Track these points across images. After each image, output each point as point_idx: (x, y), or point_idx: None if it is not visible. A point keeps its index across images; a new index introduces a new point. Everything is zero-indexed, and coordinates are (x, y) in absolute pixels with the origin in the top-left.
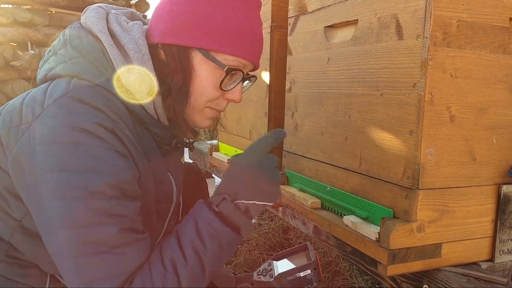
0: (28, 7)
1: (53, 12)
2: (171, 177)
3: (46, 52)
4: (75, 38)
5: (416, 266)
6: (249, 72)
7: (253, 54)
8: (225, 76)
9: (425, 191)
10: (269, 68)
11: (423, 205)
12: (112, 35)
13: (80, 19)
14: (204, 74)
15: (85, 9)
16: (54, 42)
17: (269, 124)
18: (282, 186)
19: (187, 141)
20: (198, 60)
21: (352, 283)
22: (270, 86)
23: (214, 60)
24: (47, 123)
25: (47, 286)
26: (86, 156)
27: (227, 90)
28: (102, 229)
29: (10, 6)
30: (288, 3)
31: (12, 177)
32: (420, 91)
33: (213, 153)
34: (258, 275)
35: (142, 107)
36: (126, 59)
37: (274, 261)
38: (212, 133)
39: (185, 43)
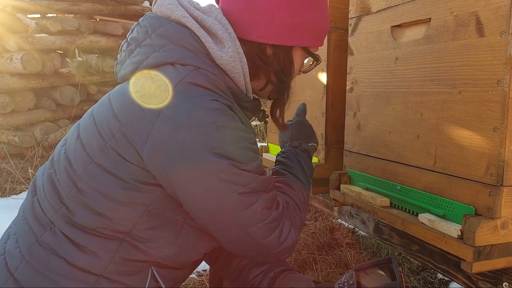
0: (74, 15)
1: (97, 19)
2: None
3: (123, 46)
4: (158, 27)
5: (500, 263)
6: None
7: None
8: (316, 64)
9: (509, 188)
10: (326, 69)
11: (507, 202)
12: (194, 18)
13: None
14: (297, 64)
15: None
16: (131, 35)
17: (327, 124)
18: (345, 185)
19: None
20: (298, 55)
21: (405, 282)
22: (327, 86)
23: (311, 54)
24: (179, 110)
25: (147, 286)
26: (229, 133)
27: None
28: (271, 193)
29: (55, 15)
30: (347, 4)
31: (150, 167)
32: (505, 87)
33: (264, 154)
34: (339, 286)
35: (234, 83)
36: (214, 39)
37: (355, 273)
38: (263, 135)
39: (292, 44)
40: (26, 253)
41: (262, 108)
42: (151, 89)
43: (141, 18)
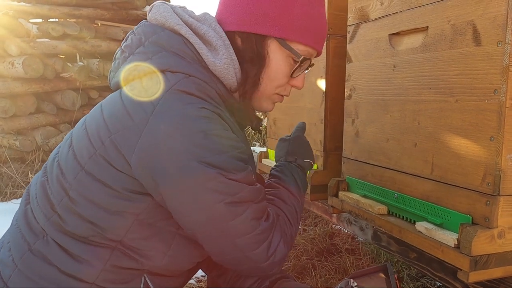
0: (75, 20)
1: (99, 24)
2: None
3: (117, 54)
4: (151, 35)
5: (497, 272)
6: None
7: (320, 44)
8: (299, 65)
9: (506, 197)
10: (325, 75)
11: (504, 211)
12: (188, 26)
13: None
14: (277, 62)
15: (151, 6)
16: (125, 43)
17: (325, 131)
18: (343, 192)
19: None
20: (273, 48)
21: None
22: (326, 93)
23: (290, 49)
24: (167, 118)
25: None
26: (218, 141)
27: (295, 77)
28: (261, 204)
29: (56, 20)
30: (345, 11)
31: (138, 175)
32: (501, 97)
33: (263, 159)
34: None
35: (227, 91)
36: (208, 47)
37: (351, 280)
38: (264, 140)
39: (264, 32)
40: (19, 261)
41: (258, 117)
42: (138, 97)
43: (136, 26)
